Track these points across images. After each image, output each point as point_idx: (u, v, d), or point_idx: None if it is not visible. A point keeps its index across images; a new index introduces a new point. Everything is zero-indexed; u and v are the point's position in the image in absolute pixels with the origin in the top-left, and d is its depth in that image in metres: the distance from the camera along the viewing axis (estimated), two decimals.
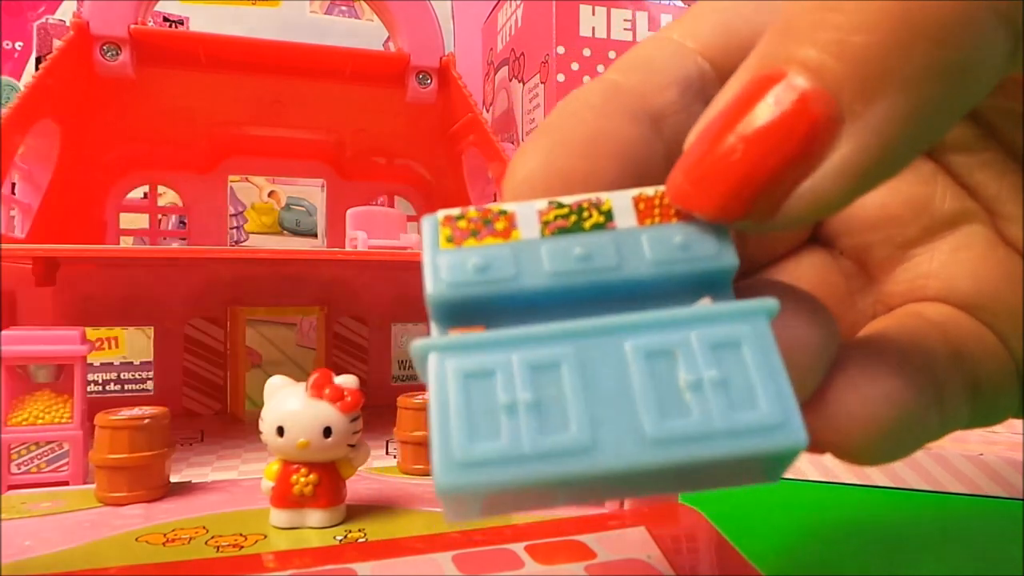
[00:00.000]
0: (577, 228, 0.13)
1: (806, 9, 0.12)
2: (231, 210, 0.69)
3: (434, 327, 0.13)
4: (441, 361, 0.11)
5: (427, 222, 0.13)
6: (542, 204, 0.13)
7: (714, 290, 0.13)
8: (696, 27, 0.16)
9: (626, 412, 0.11)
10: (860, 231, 0.17)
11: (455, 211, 0.13)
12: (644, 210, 0.13)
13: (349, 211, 0.46)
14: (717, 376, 0.11)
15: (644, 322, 0.12)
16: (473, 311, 0.12)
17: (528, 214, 0.13)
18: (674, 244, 0.13)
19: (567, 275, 0.12)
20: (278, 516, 0.28)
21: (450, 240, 0.13)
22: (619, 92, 0.15)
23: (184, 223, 0.60)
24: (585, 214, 0.13)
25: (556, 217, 0.13)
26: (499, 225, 0.13)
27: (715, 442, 0.11)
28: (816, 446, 0.15)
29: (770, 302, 0.12)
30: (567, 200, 0.13)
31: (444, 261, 0.13)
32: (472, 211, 0.13)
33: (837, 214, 0.16)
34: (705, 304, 0.12)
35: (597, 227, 0.13)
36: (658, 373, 0.11)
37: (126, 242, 0.60)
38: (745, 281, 0.15)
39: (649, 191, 0.13)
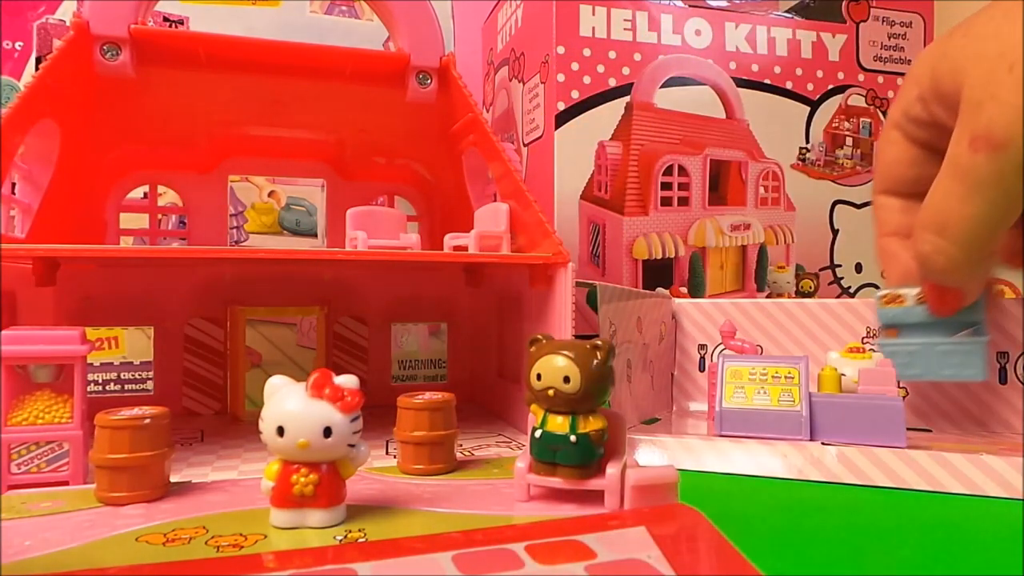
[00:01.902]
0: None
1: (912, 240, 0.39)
2: (231, 210, 0.69)
3: None
4: None
5: None
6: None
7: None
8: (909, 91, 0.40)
9: None
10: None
11: None
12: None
13: (349, 211, 0.46)
14: None
15: None
16: None
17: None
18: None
19: None
20: (278, 516, 0.28)
21: None
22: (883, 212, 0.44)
23: (184, 223, 0.60)
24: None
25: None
26: None
27: None
28: None
29: None
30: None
31: None
32: None
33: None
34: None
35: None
36: None
37: (126, 242, 0.60)
38: None
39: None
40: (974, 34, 0.35)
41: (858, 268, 0.70)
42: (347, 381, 0.29)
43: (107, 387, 0.63)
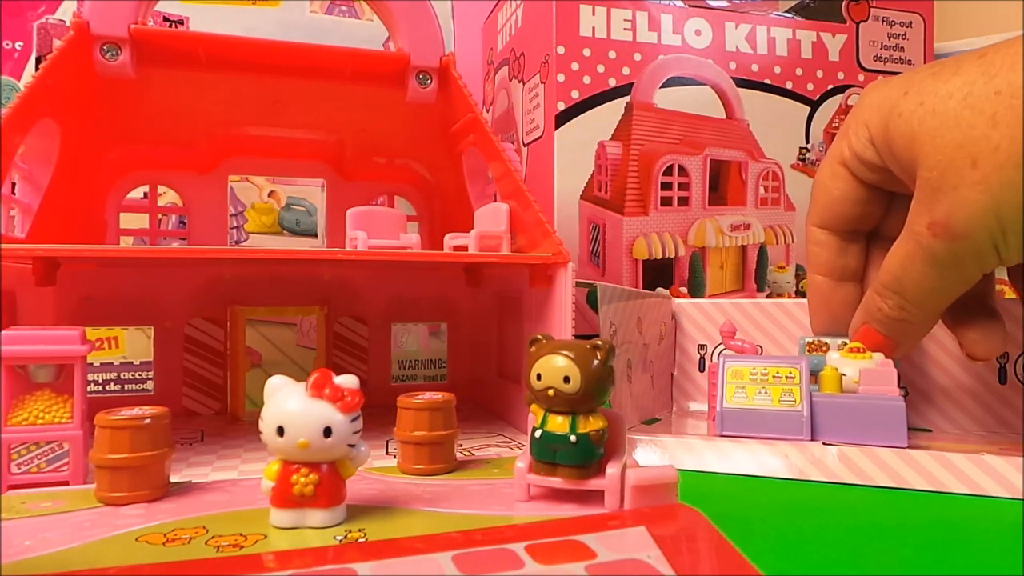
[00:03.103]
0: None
1: (871, 294, 0.40)
2: (231, 210, 0.69)
3: None
4: None
5: None
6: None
7: None
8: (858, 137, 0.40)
9: None
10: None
11: None
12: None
13: (349, 211, 0.46)
14: None
15: None
16: None
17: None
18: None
19: None
20: (278, 516, 0.28)
21: None
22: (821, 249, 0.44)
23: (184, 223, 0.60)
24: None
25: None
26: None
27: None
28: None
29: None
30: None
31: None
32: None
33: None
34: None
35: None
36: None
37: (126, 242, 0.60)
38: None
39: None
40: (931, 108, 0.34)
41: None
42: (347, 381, 0.29)
43: (107, 387, 0.63)
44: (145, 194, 0.59)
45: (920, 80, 0.36)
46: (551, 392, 0.30)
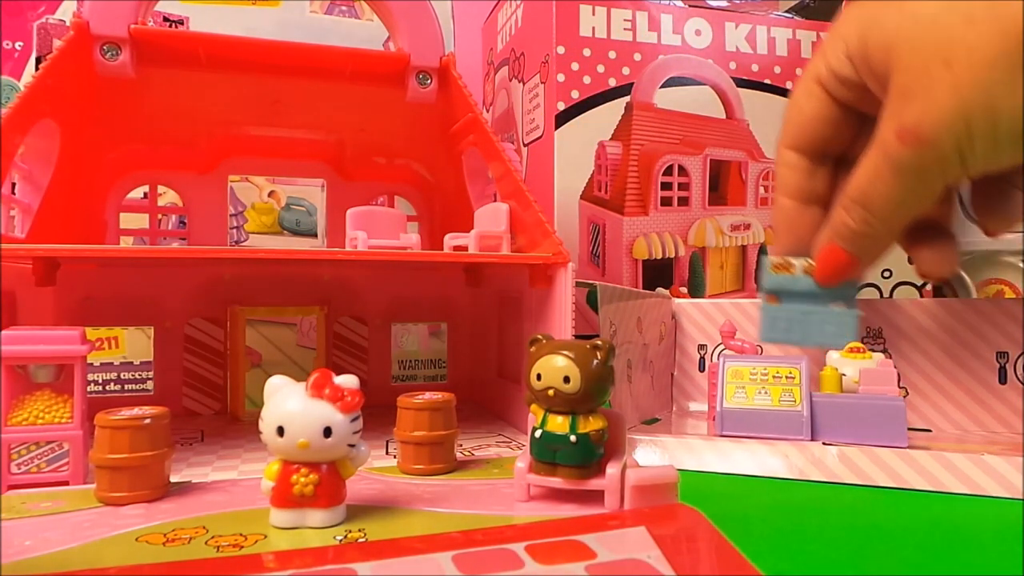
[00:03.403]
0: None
1: (837, 210, 0.37)
2: (231, 210, 0.69)
3: None
4: None
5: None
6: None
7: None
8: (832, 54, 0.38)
9: None
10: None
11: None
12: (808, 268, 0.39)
13: (349, 211, 0.46)
14: None
15: None
16: None
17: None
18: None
19: None
20: (278, 516, 0.28)
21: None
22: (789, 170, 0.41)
23: (184, 223, 0.60)
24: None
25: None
26: None
27: None
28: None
29: None
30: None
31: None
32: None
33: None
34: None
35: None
36: None
37: (126, 242, 0.60)
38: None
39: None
40: (910, 12, 0.34)
41: None
42: (347, 381, 0.29)
43: (107, 387, 0.63)
44: (145, 194, 0.59)
45: None
46: (551, 392, 0.30)
